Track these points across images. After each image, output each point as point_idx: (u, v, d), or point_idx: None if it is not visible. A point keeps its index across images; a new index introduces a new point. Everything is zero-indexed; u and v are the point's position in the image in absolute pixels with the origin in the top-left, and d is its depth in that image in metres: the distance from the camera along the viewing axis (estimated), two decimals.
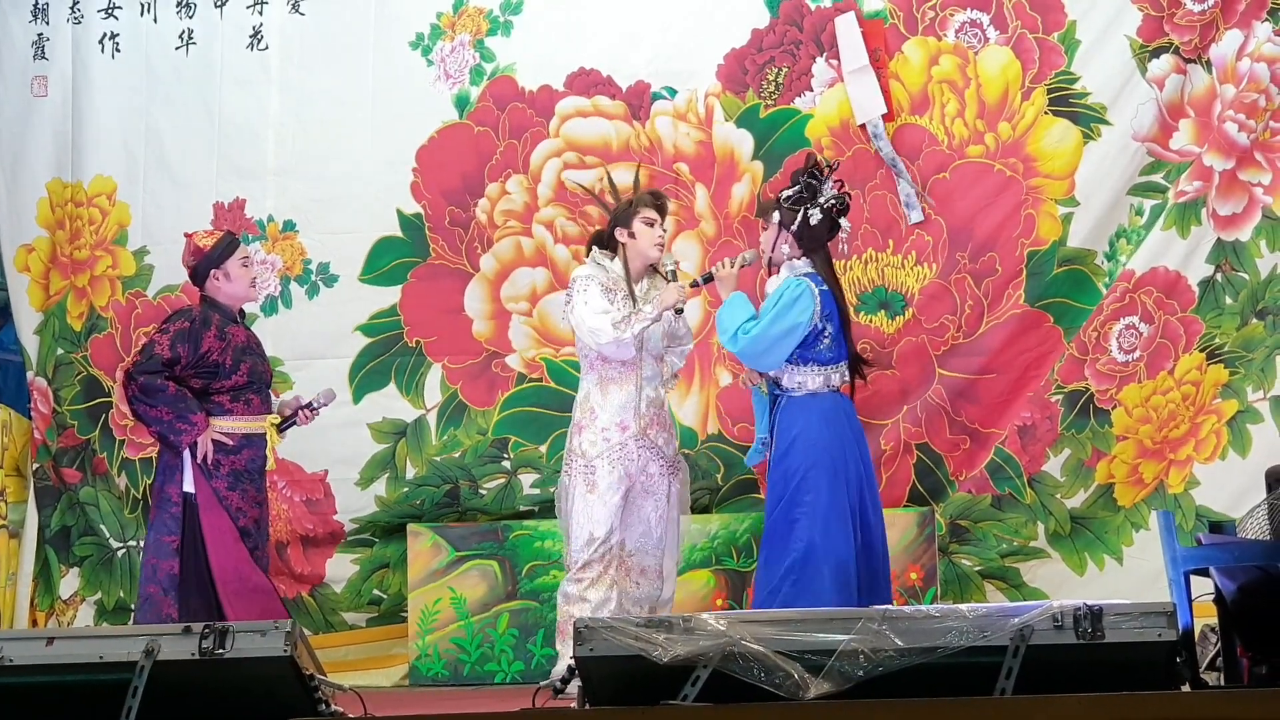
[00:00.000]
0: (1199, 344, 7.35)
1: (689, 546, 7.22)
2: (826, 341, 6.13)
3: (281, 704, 4.22)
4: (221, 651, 4.19)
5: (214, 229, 7.50)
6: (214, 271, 6.59)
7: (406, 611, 7.52)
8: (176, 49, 8.21)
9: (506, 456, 7.78)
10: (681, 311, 6.30)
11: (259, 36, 8.12)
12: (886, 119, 7.51)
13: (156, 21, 8.23)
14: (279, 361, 7.57)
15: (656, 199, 6.47)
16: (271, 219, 8.03)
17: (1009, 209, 7.47)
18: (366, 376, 7.88)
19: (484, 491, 7.78)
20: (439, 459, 7.81)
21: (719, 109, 7.72)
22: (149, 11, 8.25)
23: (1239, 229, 7.35)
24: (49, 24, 8.34)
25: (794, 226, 6.16)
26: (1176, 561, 4.64)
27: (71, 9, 8.31)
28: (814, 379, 6.14)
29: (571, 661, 4.17)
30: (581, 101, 7.84)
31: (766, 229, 6.30)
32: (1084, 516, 7.41)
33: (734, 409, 7.54)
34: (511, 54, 7.90)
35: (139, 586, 6.65)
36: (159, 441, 6.54)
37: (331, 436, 7.70)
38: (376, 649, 7.75)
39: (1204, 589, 4.75)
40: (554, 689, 4.48)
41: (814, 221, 6.14)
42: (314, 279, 7.99)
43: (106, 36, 8.26)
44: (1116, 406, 7.38)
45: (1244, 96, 7.30)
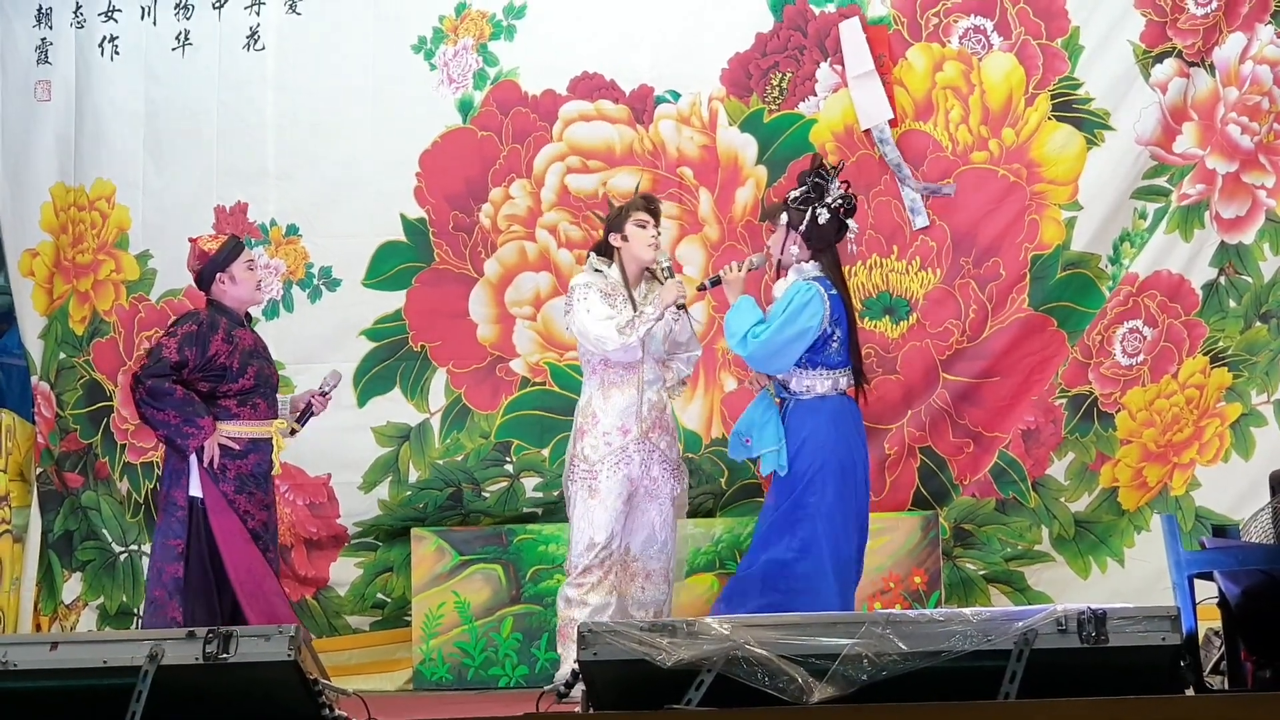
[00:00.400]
0: (1202, 347, 7.34)
1: (693, 551, 7.22)
2: (835, 345, 6.14)
3: (285, 708, 4.23)
4: (225, 656, 4.20)
5: (217, 233, 7.49)
6: (220, 275, 6.58)
7: (410, 615, 7.52)
8: (174, 50, 8.19)
9: (509, 460, 7.78)
10: (684, 308, 6.32)
11: (255, 37, 8.10)
12: (891, 125, 7.51)
13: (155, 24, 8.22)
14: (282, 365, 7.56)
15: (648, 202, 6.50)
16: (274, 223, 8.02)
17: (1013, 214, 7.47)
18: (371, 381, 7.87)
19: (487, 495, 7.78)
20: (442, 462, 7.81)
21: (723, 113, 7.71)
22: (149, 15, 8.24)
23: (1242, 232, 7.35)
24: (52, 28, 8.33)
25: (802, 226, 6.15)
26: (1180, 565, 4.64)
27: (74, 13, 8.30)
28: (822, 383, 6.14)
29: (575, 666, 4.17)
30: (585, 105, 7.83)
31: (774, 232, 6.31)
32: (1088, 520, 7.41)
33: (738, 413, 7.49)
34: (514, 58, 7.89)
35: (144, 591, 6.65)
36: (166, 445, 6.52)
37: (335, 440, 7.71)
38: (380, 653, 7.73)
39: (1208, 592, 4.75)
40: (558, 693, 4.50)
41: (822, 221, 6.14)
42: (316, 283, 7.98)
43: (106, 39, 8.25)
44: (1120, 410, 7.38)
45: (1247, 99, 7.29)
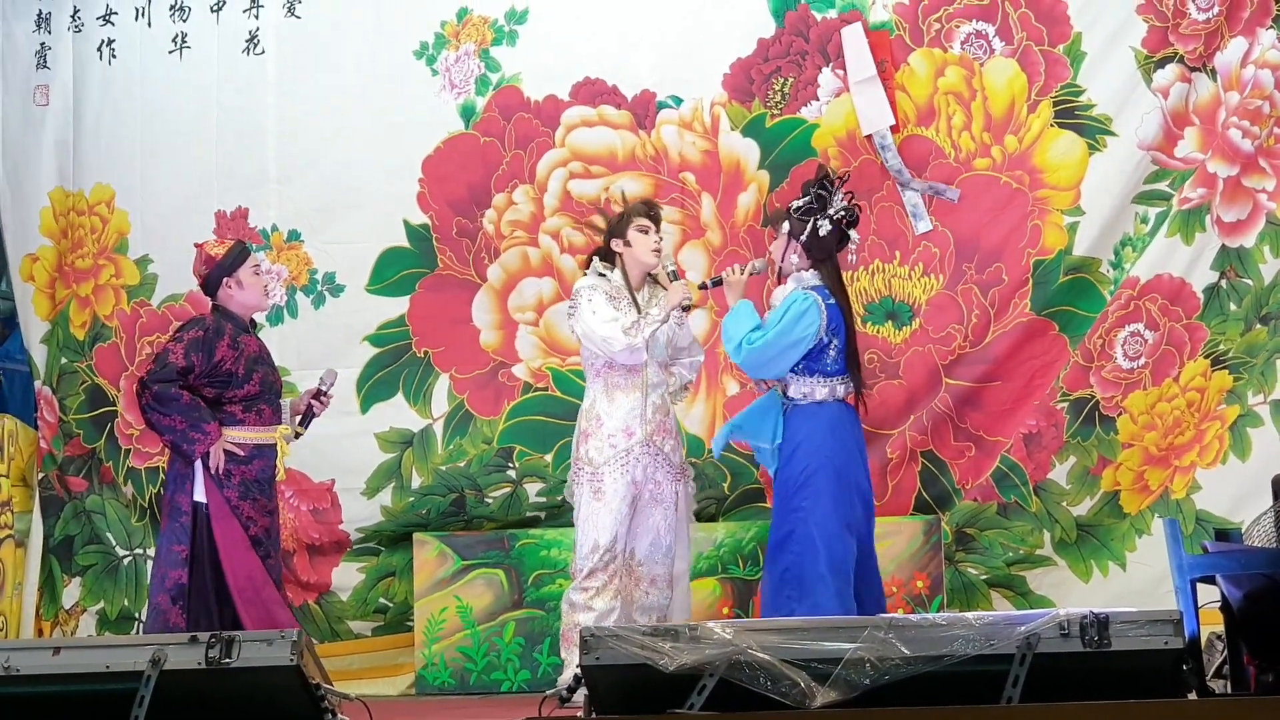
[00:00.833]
0: (1204, 350, 7.34)
1: (695, 555, 7.22)
2: (832, 354, 6.15)
3: (288, 713, 4.23)
4: (228, 661, 4.20)
5: (220, 238, 7.49)
6: (226, 280, 6.58)
7: (413, 620, 7.52)
8: (170, 53, 8.19)
9: (512, 465, 7.78)
10: (688, 309, 6.34)
11: (255, 41, 8.11)
12: (893, 130, 7.51)
13: (151, 26, 8.22)
14: (286, 371, 7.57)
15: (649, 207, 6.53)
16: (276, 228, 8.02)
17: (1015, 220, 7.47)
18: (374, 386, 7.88)
19: (490, 500, 7.78)
20: (445, 468, 7.81)
21: (725, 118, 7.72)
22: (143, 16, 8.24)
23: (1243, 235, 7.35)
24: (50, 33, 8.34)
25: (803, 237, 6.17)
26: (1183, 569, 4.64)
27: (72, 17, 8.31)
28: (820, 389, 6.16)
29: (578, 670, 4.17)
30: (587, 111, 7.84)
31: (776, 238, 6.32)
32: (1090, 524, 7.41)
33: None
34: (517, 63, 7.90)
35: (148, 595, 6.65)
36: (172, 450, 6.52)
37: (338, 446, 7.72)
38: (383, 658, 7.74)
39: (1210, 596, 4.75)
40: (560, 698, 4.48)
41: (823, 232, 6.16)
42: (320, 289, 7.98)
43: (104, 43, 8.26)
44: (1122, 414, 7.38)
45: (1248, 103, 7.29)
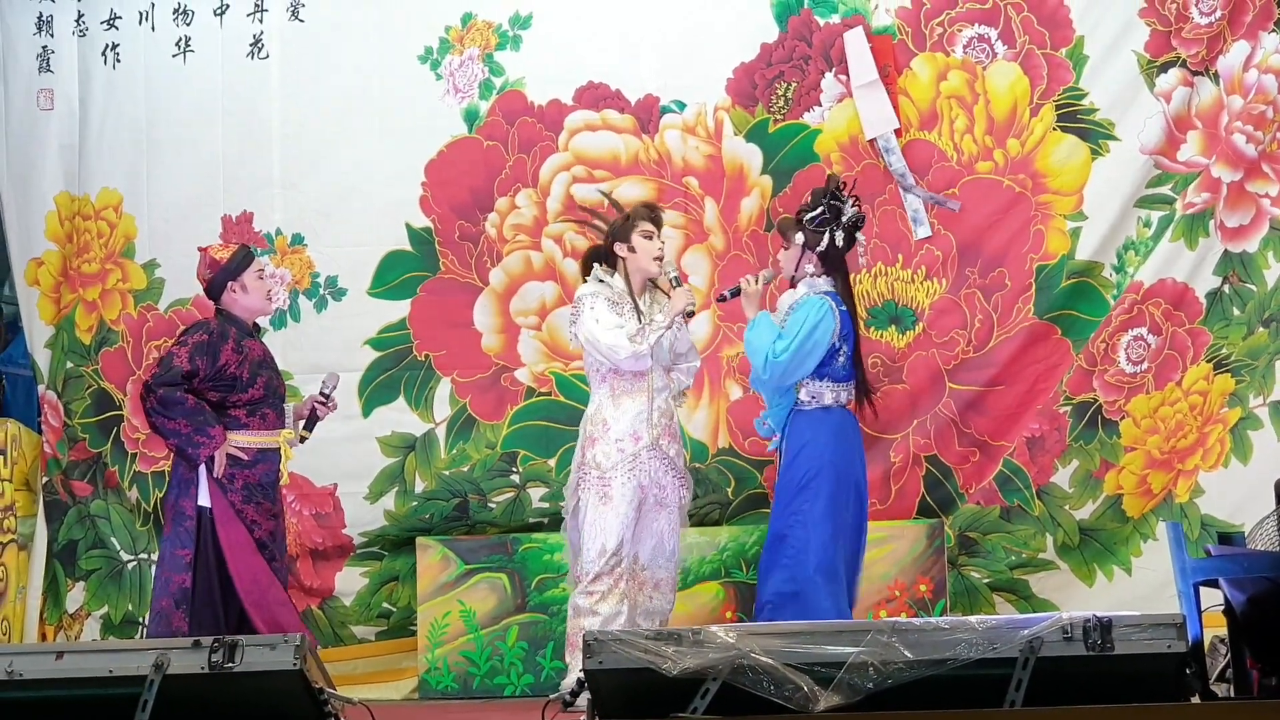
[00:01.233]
0: (1206, 355, 7.35)
1: (699, 559, 7.22)
2: (841, 359, 6.24)
3: (291, 718, 4.23)
4: (231, 665, 4.20)
5: (224, 242, 7.49)
6: (231, 284, 6.57)
7: (416, 625, 7.52)
8: (174, 57, 8.18)
9: (515, 470, 7.78)
10: (691, 315, 6.35)
11: (259, 45, 8.10)
12: (896, 134, 7.52)
13: (154, 30, 8.21)
14: (289, 375, 7.56)
15: (652, 211, 6.52)
16: (279, 232, 8.02)
17: (1018, 225, 7.47)
18: (376, 390, 7.87)
19: (493, 505, 7.78)
20: (448, 473, 7.81)
21: (728, 123, 7.72)
22: (147, 20, 8.24)
23: (1246, 240, 7.35)
24: (54, 36, 8.32)
25: (820, 248, 6.22)
26: (1186, 573, 4.64)
27: (76, 20, 8.29)
28: (828, 394, 6.23)
29: (581, 674, 4.17)
30: (590, 115, 7.84)
31: (788, 248, 6.34)
32: (1092, 528, 7.41)
33: (744, 423, 7.52)
34: (520, 68, 7.90)
35: (151, 600, 6.64)
36: (176, 454, 6.50)
37: (341, 450, 7.71)
38: (386, 662, 7.73)
39: (1213, 600, 4.75)
40: (563, 702, 4.48)
41: (839, 243, 6.23)
42: (322, 292, 7.98)
43: (108, 47, 8.26)
44: (1125, 418, 7.38)
45: (1251, 108, 7.29)
